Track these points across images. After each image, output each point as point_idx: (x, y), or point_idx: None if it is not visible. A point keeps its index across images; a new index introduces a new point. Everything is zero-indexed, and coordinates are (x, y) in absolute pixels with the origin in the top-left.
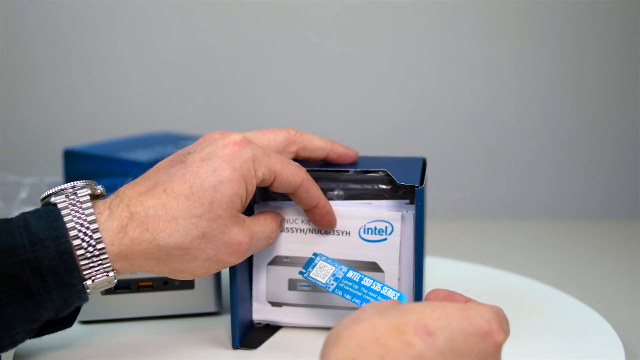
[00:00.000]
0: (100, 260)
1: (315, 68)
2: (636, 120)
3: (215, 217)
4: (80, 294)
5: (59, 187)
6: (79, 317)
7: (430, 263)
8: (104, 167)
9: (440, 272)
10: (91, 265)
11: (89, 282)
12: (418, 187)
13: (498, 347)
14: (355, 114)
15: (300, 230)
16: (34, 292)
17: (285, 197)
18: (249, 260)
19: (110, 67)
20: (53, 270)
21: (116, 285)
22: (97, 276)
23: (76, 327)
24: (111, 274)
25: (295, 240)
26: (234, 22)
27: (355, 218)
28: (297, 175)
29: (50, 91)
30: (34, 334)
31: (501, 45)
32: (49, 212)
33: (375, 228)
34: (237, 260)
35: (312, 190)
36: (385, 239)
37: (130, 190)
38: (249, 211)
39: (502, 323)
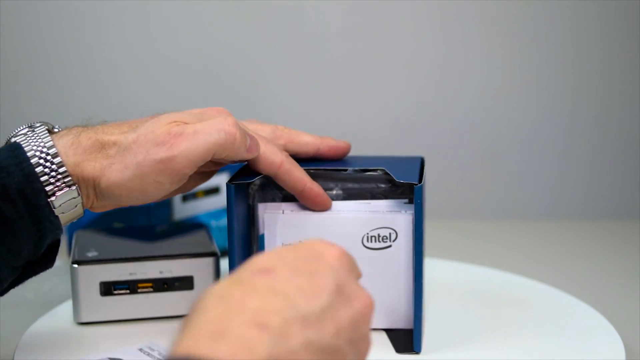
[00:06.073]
0: (60, 174)
1: (316, 68)
2: (636, 120)
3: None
4: (50, 218)
5: (17, 130)
6: (78, 319)
7: (430, 264)
8: None
9: (439, 273)
10: (51, 180)
11: (53, 198)
12: (417, 184)
13: (339, 259)
14: (355, 113)
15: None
16: (7, 217)
17: (286, 199)
18: None
19: (110, 67)
20: (21, 193)
21: (115, 286)
22: (59, 192)
23: (75, 328)
24: (73, 187)
25: None
26: (234, 21)
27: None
28: (276, 155)
29: (50, 91)
30: (17, 275)
31: (501, 46)
32: (9, 146)
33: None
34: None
35: (295, 172)
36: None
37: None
38: (249, 215)
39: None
